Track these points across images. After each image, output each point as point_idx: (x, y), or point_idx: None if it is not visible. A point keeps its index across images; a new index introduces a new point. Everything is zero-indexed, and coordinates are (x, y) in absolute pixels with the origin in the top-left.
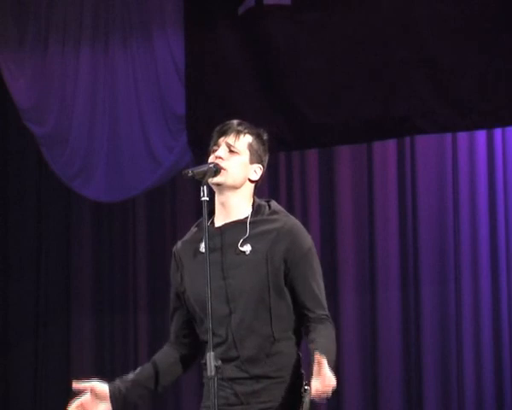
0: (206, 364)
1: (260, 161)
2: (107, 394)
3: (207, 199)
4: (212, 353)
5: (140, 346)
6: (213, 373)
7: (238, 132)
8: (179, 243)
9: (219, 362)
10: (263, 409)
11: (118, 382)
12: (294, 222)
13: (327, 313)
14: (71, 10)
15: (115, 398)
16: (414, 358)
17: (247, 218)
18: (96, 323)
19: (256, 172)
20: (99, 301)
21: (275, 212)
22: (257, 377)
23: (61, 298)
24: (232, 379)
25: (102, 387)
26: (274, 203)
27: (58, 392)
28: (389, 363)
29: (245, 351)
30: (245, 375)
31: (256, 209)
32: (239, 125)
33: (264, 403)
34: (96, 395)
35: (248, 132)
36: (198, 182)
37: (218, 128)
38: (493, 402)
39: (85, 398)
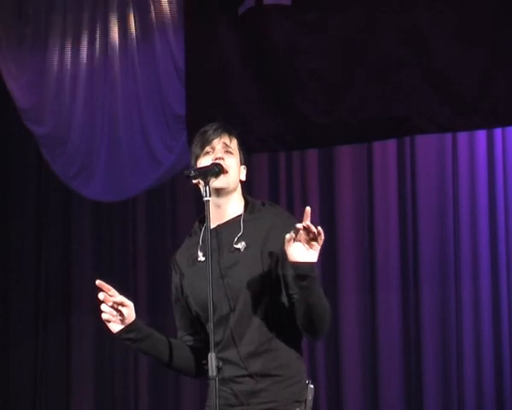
0: (207, 364)
1: (244, 162)
2: (133, 315)
3: (209, 199)
4: (213, 354)
5: None
6: (215, 374)
7: (230, 134)
8: (177, 253)
9: (220, 363)
10: (264, 409)
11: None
12: (288, 215)
13: None
14: (71, 10)
15: (138, 324)
16: (414, 358)
17: (240, 216)
18: (96, 323)
19: (243, 172)
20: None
21: (269, 208)
22: (256, 375)
23: (61, 298)
24: (231, 379)
25: (130, 308)
26: (268, 202)
27: (58, 392)
28: (389, 363)
29: (244, 347)
30: (244, 372)
31: (250, 207)
32: (227, 126)
33: (264, 404)
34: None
35: (234, 134)
36: (199, 181)
37: (205, 132)
38: (493, 402)
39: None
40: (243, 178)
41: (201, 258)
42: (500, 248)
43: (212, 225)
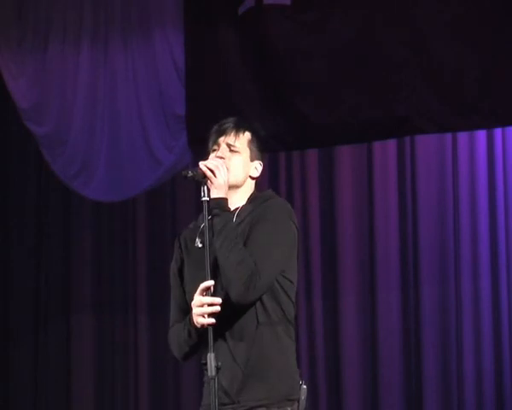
0: (206, 364)
1: (260, 157)
2: None
3: (208, 199)
4: (212, 354)
5: (140, 346)
6: (214, 374)
7: (237, 131)
8: (184, 232)
9: (220, 363)
10: (254, 407)
11: None
12: (276, 200)
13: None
14: (71, 10)
15: None
16: (414, 358)
17: (237, 208)
18: (96, 322)
19: (257, 168)
20: (99, 301)
21: (268, 195)
22: (245, 366)
23: (61, 298)
24: (221, 370)
25: None
26: (273, 194)
27: (58, 392)
28: (389, 363)
29: (233, 335)
30: (232, 362)
31: (251, 200)
32: (238, 122)
33: (254, 401)
34: None
35: (247, 129)
36: (197, 181)
37: (216, 128)
38: (493, 402)
39: None
40: (254, 175)
41: (199, 244)
42: (500, 248)
43: None
